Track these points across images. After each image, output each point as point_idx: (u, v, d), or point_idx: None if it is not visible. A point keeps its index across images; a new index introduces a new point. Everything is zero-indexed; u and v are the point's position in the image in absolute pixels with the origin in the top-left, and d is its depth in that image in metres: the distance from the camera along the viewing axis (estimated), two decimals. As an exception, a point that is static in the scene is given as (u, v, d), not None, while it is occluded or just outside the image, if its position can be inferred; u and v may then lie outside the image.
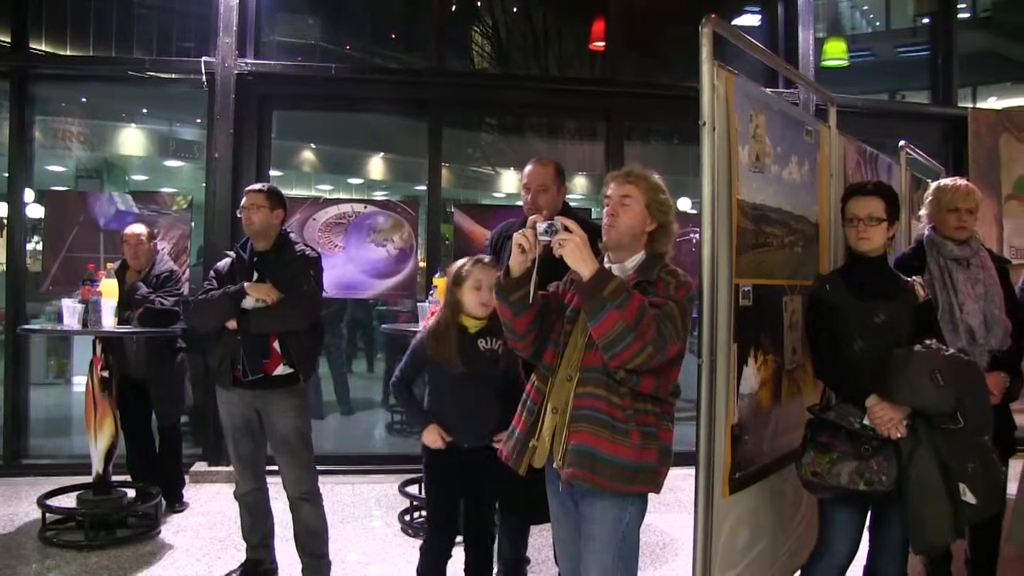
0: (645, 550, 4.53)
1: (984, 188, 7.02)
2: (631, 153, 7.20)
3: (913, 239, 3.84)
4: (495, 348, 3.41)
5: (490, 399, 3.40)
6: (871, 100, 8.15)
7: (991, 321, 3.50)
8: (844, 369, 3.01)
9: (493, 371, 3.41)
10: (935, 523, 2.83)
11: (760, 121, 3.17)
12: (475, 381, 3.41)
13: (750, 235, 3.05)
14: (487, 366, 3.41)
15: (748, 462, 3.08)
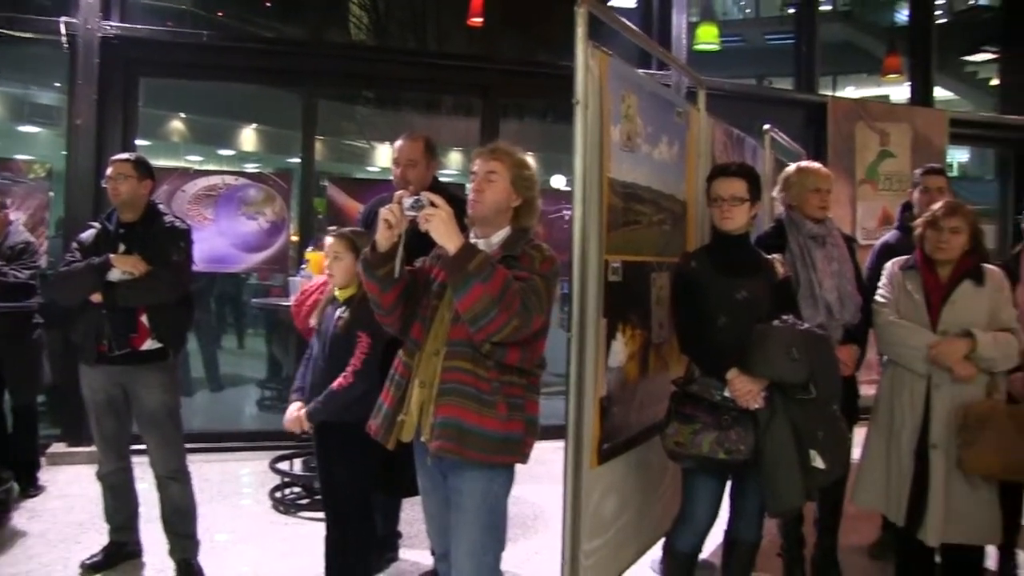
0: (516, 521, 4.62)
1: (840, 172, 7.41)
2: (507, 129, 7.26)
3: (774, 219, 4.01)
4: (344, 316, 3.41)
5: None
6: (739, 84, 8.42)
7: (845, 297, 3.70)
8: (707, 343, 3.12)
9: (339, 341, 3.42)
10: (788, 488, 2.97)
11: (632, 101, 3.25)
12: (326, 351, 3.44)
13: (620, 213, 3.14)
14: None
15: (616, 433, 3.18)
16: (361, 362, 3.32)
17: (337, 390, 3.33)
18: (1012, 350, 3.33)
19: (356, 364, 3.33)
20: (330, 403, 3.34)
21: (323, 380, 3.41)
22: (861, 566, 4.25)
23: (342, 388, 3.32)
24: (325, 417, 3.37)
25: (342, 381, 3.33)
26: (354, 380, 3.30)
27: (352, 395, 3.29)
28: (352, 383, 3.30)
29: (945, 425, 3.32)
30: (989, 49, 10.86)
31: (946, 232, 3.38)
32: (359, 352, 3.34)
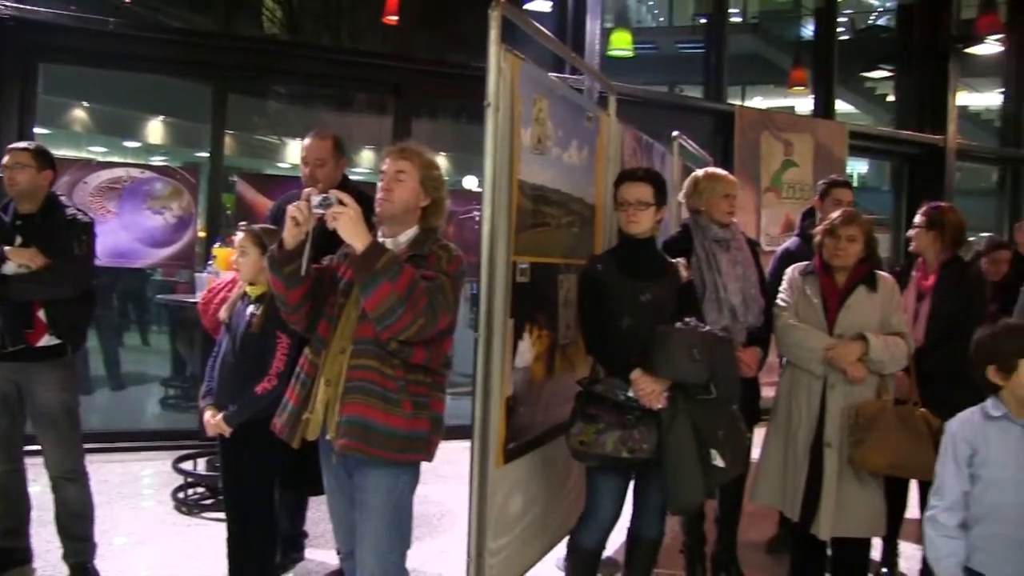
0: (423, 520, 4.62)
1: (746, 180, 7.62)
2: (420, 129, 7.25)
3: (680, 223, 4.10)
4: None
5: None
6: (651, 91, 8.59)
7: (749, 300, 3.80)
8: (612, 344, 3.19)
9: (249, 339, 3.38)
10: (689, 486, 3.06)
11: (543, 105, 3.29)
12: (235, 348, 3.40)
13: (529, 215, 3.18)
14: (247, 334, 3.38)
15: (522, 433, 3.22)
16: (284, 363, 3.28)
17: (260, 394, 3.28)
18: (901, 353, 3.47)
19: (279, 366, 3.28)
20: (252, 406, 3.29)
21: (233, 378, 3.36)
22: (759, 561, 4.38)
23: (266, 392, 3.27)
24: (246, 419, 3.31)
25: (266, 384, 3.28)
26: (278, 383, 3.25)
27: (271, 399, 3.26)
28: (276, 385, 3.25)
29: (838, 424, 3.44)
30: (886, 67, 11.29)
31: (843, 240, 3.50)
32: (280, 353, 3.30)
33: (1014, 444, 2.44)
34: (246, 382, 3.31)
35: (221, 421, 3.33)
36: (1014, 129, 10.98)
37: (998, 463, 2.45)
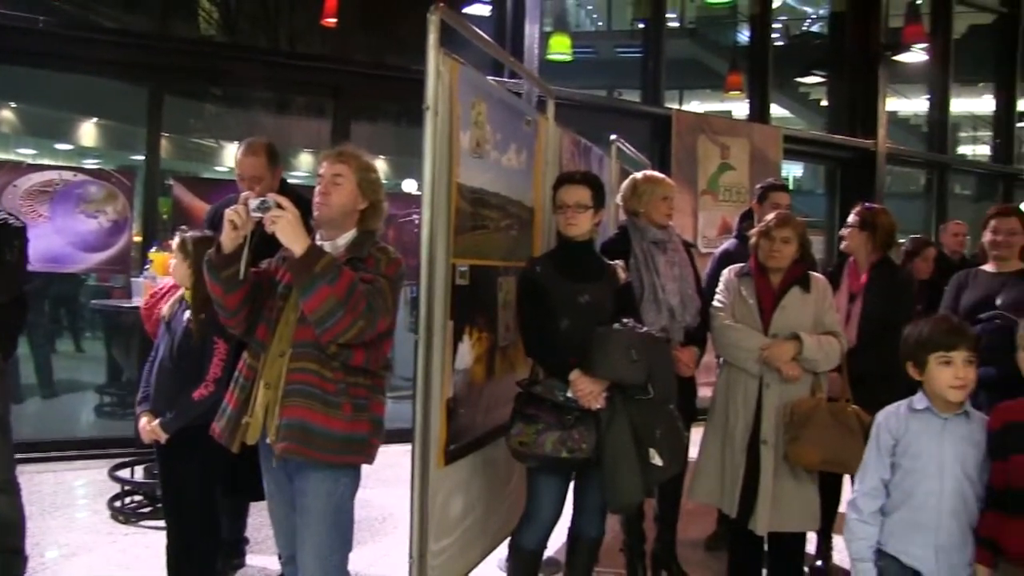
0: (364, 525, 4.60)
1: (683, 184, 7.73)
2: (359, 132, 7.22)
3: (617, 225, 4.15)
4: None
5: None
6: (589, 95, 8.65)
7: (687, 300, 3.86)
8: (551, 346, 3.21)
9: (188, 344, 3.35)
10: (629, 485, 3.10)
11: (482, 109, 3.31)
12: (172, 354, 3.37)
13: (468, 217, 3.19)
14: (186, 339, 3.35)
15: (462, 434, 3.23)
16: (221, 370, 3.25)
17: (197, 400, 3.24)
18: (834, 352, 3.55)
19: (216, 372, 3.25)
20: (189, 413, 3.25)
21: (171, 383, 3.32)
22: (698, 558, 4.45)
23: (203, 398, 3.23)
24: (183, 426, 3.27)
25: (203, 391, 3.25)
26: (215, 389, 3.22)
27: (208, 405, 3.22)
28: (213, 392, 3.22)
29: (774, 422, 3.51)
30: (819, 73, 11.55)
31: (778, 242, 3.57)
32: (217, 359, 3.27)
33: (934, 436, 2.55)
34: (183, 388, 3.28)
35: (157, 427, 3.29)
36: (940, 134, 11.33)
37: (917, 453, 2.57)
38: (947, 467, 2.52)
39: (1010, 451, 2.43)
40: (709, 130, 8.30)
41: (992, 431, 2.51)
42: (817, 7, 13.71)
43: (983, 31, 12.65)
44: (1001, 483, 2.44)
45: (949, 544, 2.51)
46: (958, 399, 2.54)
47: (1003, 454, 2.44)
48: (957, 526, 2.51)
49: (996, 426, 2.50)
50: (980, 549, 2.49)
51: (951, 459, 2.52)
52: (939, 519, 2.52)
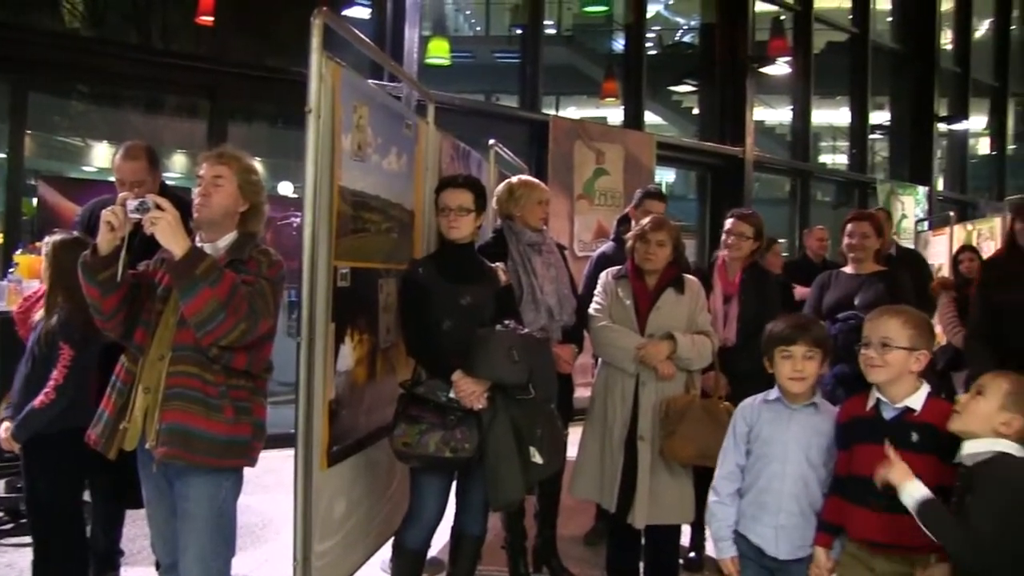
0: (246, 530, 4.53)
1: (560, 188, 7.88)
2: (235, 134, 7.07)
3: (494, 228, 4.22)
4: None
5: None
6: (468, 100, 8.72)
7: (563, 300, 3.97)
8: (433, 347, 3.26)
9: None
10: (510, 483, 3.16)
11: (364, 112, 3.32)
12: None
13: (349, 220, 3.20)
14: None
15: (345, 436, 3.23)
16: (63, 376, 3.16)
17: (39, 408, 3.15)
18: (707, 351, 3.71)
19: (58, 379, 3.17)
20: (32, 421, 3.16)
21: (25, 390, 3.23)
22: (578, 553, 4.55)
23: (44, 406, 3.15)
24: (30, 435, 3.17)
25: (43, 398, 3.16)
26: (56, 396, 3.14)
27: (53, 412, 3.14)
28: (54, 400, 3.14)
29: (650, 419, 3.63)
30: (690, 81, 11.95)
31: (653, 245, 3.69)
32: (61, 366, 3.18)
33: (781, 425, 2.74)
34: (32, 395, 3.19)
35: (8, 435, 3.19)
36: (802, 143, 11.89)
37: (767, 440, 2.75)
38: (791, 453, 2.70)
39: (852, 441, 2.59)
40: (585, 136, 8.47)
41: (839, 423, 2.68)
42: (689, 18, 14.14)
43: (839, 48, 13.35)
44: (844, 470, 2.61)
45: (789, 524, 2.69)
46: (796, 390, 2.72)
47: (847, 444, 2.62)
48: (798, 508, 2.69)
49: (843, 419, 2.68)
50: (819, 532, 2.66)
51: (795, 446, 2.70)
52: (781, 501, 2.69)
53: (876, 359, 2.53)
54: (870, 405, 2.59)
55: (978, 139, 16.67)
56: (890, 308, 2.64)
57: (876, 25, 13.43)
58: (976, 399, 2.34)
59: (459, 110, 7.94)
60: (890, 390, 2.55)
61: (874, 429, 2.53)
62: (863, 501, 2.52)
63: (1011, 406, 2.28)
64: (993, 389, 2.32)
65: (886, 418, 2.54)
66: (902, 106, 13.95)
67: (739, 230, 4.24)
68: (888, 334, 2.52)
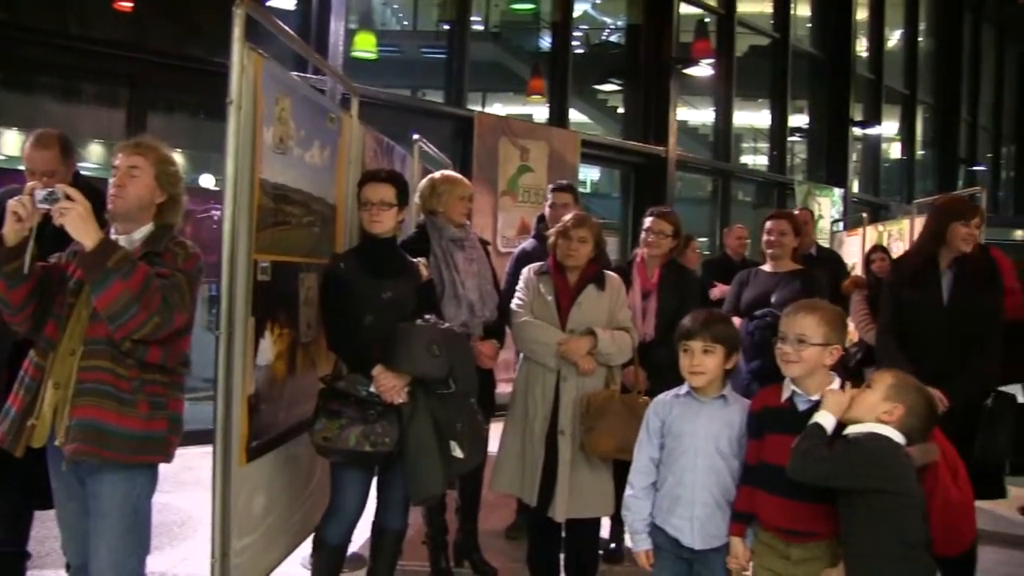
0: (162, 529, 4.46)
1: (484, 184, 7.91)
2: (155, 124, 6.92)
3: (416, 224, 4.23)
4: None
5: None
6: (394, 94, 8.67)
7: (485, 295, 4.00)
8: (354, 341, 3.25)
9: None
10: (430, 477, 3.18)
11: (286, 104, 3.29)
12: None
13: (270, 213, 3.17)
14: None
15: (264, 431, 3.20)
16: None
17: None
18: (627, 346, 3.76)
19: None
20: None
21: None
22: (499, 547, 4.59)
23: None
24: None
25: None
26: None
27: None
28: None
29: (571, 413, 3.66)
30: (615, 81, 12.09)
31: (574, 241, 3.73)
32: None
33: (692, 418, 2.81)
34: None
35: None
36: (724, 144, 12.13)
37: (678, 433, 2.81)
38: (701, 446, 2.77)
39: (765, 430, 2.68)
40: (510, 132, 8.52)
41: (752, 412, 2.76)
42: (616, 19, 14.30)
43: (761, 52, 13.66)
44: (754, 459, 2.69)
45: (704, 515, 2.75)
46: (695, 384, 2.80)
47: (759, 433, 2.70)
48: (711, 499, 2.76)
49: (756, 408, 2.76)
50: (733, 522, 2.74)
51: (705, 439, 2.77)
52: (694, 493, 2.76)
53: (792, 355, 2.61)
54: (784, 397, 2.67)
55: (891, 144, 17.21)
56: (806, 305, 2.72)
57: (796, 31, 13.78)
58: (863, 392, 2.47)
59: (384, 104, 7.90)
60: (804, 383, 2.64)
61: (786, 420, 2.62)
62: (774, 489, 2.60)
63: (893, 396, 2.43)
64: (879, 382, 2.47)
65: (799, 410, 2.63)
66: (820, 110, 14.34)
67: (658, 228, 4.32)
68: (803, 331, 2.60)
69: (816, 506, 2.49)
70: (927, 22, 17.19)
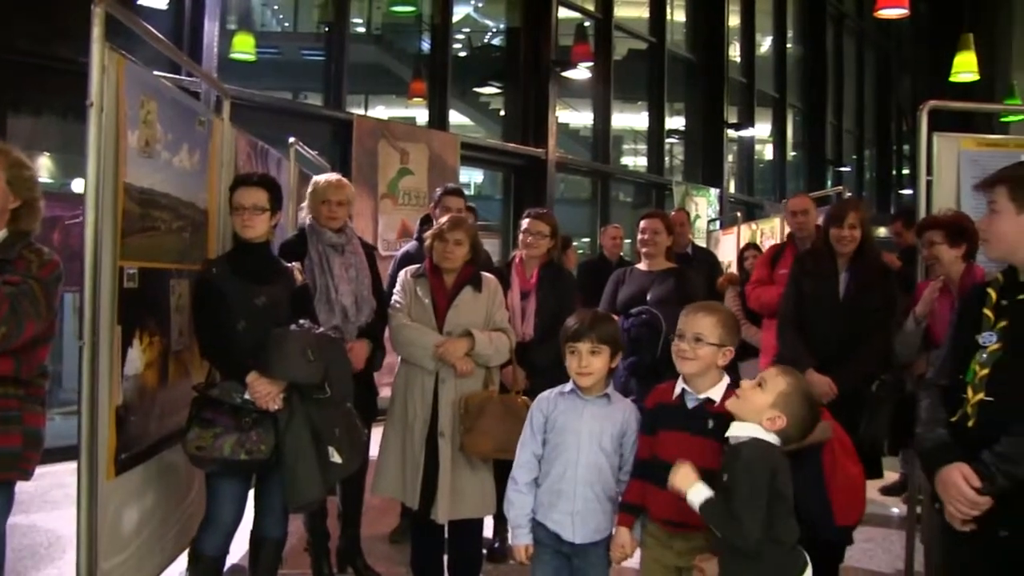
0: (28, 552, 4.26)
1: (364, 188, 7.87)
2: (19, 127, 6.63)
3: (296, 227, 4.19)
4: None
5: None
6: (270, 96, 8.51)
7: (361, 301, 3.99)
8: (227, 348, 3.21)
9: None
10: (308, 483, 3.15)
11: (152, 107, 3.21)
12: None
13: (137, 219, 3.09)
14: None
15: (134, 443, 3.12)
16: None
17: None
18: (504, 347, 3.80)
19: None
20: None
21: None
22: (383, 552, 4.57)
23: None
24: None
25: None
26: None
27: None
28: None
29: (450, 415, 3.69)
30: (496, 83, 12.19)
31: (451, 244, 3.76)
32: None
33: (575, 415, 2.86)
34: None
35: None
36: (603, 146, 12.36)
37: (561, 429, 2.86)
38: (584, 443, 2.83)
39: (658, 427, 2.76)
40: (389, 135, 8.50)
41: (647, 409, 2.84)
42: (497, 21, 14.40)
43: (639, 56, 13.97)
44: (647, 454, 2.77)
45: (585, 510, 2.81)
46: (583, 384, 2.85)
47: (652, 430, 2.78)
48: (593, 494, 2.82)
49: (650, 405, 2.84)
50: (622, 513, 2.81)
51: (588, 436, 2.83)
52: (576, 488, 2.81)
53: (688, 351, 2.68)
54: (676, 394, 2.75)
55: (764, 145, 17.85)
56: (705, 306, 2.79)
57: (672, 36, 14.14)
58: (756, 390, 2.52)
59: (261, 107, 7.77)
60: (695, 381, 2.72)
61: (677, 416, 2.71)
62: (665, 484, 2.64)
63: (781, 406, 2.48)
64: (771, 386, 2.50)
65: (689, 407, 2.72)
66: (696, 113, 14.75)
67: (536, 228, 4.39)
68: (701, 330, 2.68)
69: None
70: (794, 30, 17.89)
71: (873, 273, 4.04)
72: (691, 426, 2.67)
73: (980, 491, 2.18)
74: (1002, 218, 2.36)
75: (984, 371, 2.30)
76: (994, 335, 2.31)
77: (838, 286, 4.02)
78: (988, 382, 2.28)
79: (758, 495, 2.35)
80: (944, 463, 2.27)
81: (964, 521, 2.24)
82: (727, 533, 2.39)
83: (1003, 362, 2.28)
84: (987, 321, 2.35)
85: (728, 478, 2.42)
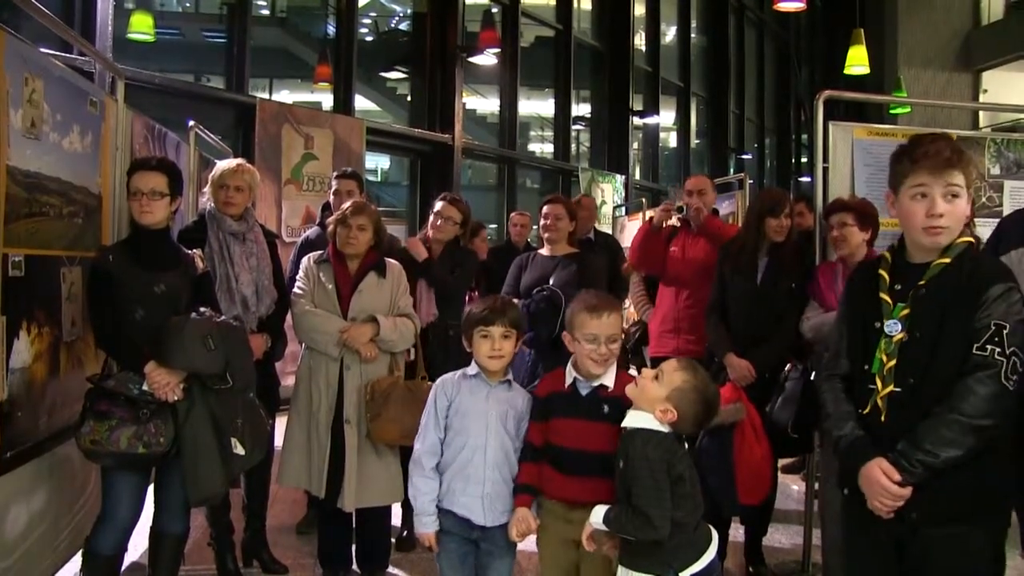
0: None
1: (267, 173, 7.70)
2: None
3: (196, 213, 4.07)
4: None
5: None
6: (168, 78, 8.25)
7: (261, 291, 3.90)
8: (124, 338, 3.10)
9: None
10: (209, 476, 3.08)
11: (38, 86, 3.07)
12: None
13: (23, 203, 2.95)
14: None
15: (21, 439, 2.99)
16: None
17: None
18: (409, 332, 3.80)
19: None
20: None
21: None
22: (289, 543, 4.48)
23: None
24: None
25: None
26: None
27: None
28: None
29: (356, 402, 3.66)
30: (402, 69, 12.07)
31: (354, 229, 3.72)
32: None
33: (481, 399, 2.86)
34: None
35: None
36: (510, 132, 12.37)
37: (466, 413, 2.85)
38: (491, 426, 2.83)
39: (551, 414, 2.78)
40: (293, 120, 8.34)
41: (540, 397, 2.85)
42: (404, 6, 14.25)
43: (546, 43, 14.00)
44: (539, 440, 2.79)
45: (494, 493, 2.81)
46: (495, 368, 2.86)
47: (545, 417, 2.80)
48: (500, 477, 2.82)
49: (543, 394, 2.85)
50: (519, 495, 2.81)
51: (495, 419, 2.83)
52: (485, 471, 2.81)
53: (608, 355, 2.71)
54: (568, 382, 2.78)
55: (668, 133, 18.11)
56: (606, 304, 2.76)
57: (579, 23, 14.21)
58: (653, 381, 2.56)
59: (160, 89, 7.54)
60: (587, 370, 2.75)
61: (571, 404, 2.75)
62: (559, 467, 2.73)
63: (674, 400, 2.52)
64: (667, 380, 2.54)
65: (582, 394, 2.75)
66: (602, 100, 14.85)
67: (447, 213, 4.39)
68: (615, 331, 2.73)
69: (598, 480, 2.61)
70: (698, 20, 18.16)
71: (790, 256, 4.12)
72: (587, 413, 2.72)
73: (901, 484, 2.21)
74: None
75: (891, 362, 2.27)
76: (898, 323, 2.28)
77: (756, 274, 4.10)
78: (897, 373, 2.27)
79: (661, 487, 2.42)
80: (864, 460, 2.26)
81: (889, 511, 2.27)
82: (640, 535, 2.44)
83: (909, 351, 2.26)
84: (887, 308, 2.32)
85: (624, 466, 2.48)
